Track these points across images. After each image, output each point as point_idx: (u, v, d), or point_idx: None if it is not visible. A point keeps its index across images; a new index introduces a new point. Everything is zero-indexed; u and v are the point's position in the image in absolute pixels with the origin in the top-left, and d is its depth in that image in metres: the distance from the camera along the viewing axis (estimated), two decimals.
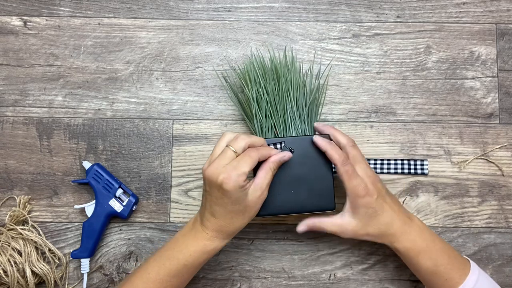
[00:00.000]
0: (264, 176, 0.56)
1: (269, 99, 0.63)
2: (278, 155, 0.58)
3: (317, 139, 0.59)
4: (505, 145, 0.69)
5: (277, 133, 0.63)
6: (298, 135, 0.62)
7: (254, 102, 0.63)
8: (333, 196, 0.60)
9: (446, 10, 0.71)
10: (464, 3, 0.72)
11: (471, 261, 0.59)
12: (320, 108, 0.67)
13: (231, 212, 0.55)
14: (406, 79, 0.70)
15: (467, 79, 0.70)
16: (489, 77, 0.70)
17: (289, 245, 0.68)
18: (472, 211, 0.68)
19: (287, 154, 0.58)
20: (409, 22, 0.71)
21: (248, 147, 0.56)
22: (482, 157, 0.69)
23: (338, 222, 0.59)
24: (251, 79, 0.64)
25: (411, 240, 0.58)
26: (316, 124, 0.63)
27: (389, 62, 0.71)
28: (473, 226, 0.68)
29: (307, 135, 0.61)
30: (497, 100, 0.70)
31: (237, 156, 0.55)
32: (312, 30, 0.71)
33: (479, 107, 0.70)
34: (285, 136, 0.62)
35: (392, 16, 0.71)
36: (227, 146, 0.55)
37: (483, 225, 0.68)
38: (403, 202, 0.68)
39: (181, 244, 0.57)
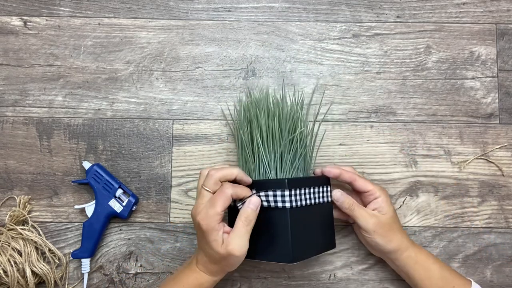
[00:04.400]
0: (240, 228, 0.55)
1: (258, 142, 0.60)
2: (251, 208, 0.56)
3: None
4: (505, 145, 0.69)
5: (276, 176, 0.60)
6: (298, 176, 0.60)
7: (261, 140, 0.60)
8: (334, 236, 0.61)
9: (446, 10, 0.71)
10: (464, 3, 0.72)
11: (472, 282, 0.60)
12: (314, 157, 0.66)
13: (208, 253, 0.56)
14: (406, 79, 0.70)
15: (467, 79, 0.70)
16: (489, 77, 0.70)
17: None
18: (472, 211, 0.68)
19: (255, 202, 0.56)
20: (409, 22, 0.71)
21: (221, 181, 0.56)
22: (482, 157, 0.69)
23: (375, 212, 0.61)
24: (258, 118, 0.61)
25: (417, 247, 0.62)
26: (326, 172, 0.61)
27: (389, 62, 0.71)
28: (473, 226, 0.68)
29: (308, 177, 0.60)
30: (497, 100, 0.70)
31: (213, 193, 0.56)
32: (312, 30, 0.71)
33: (479, 107, 0.70)
34: (286, 177, 0.59)
35: (392, 16, 0.71)
36: (201, 186, 0.57)
37: (483, 225, 0.68)
38: (403, 202, 0.68)
39: (179, 276, 0.59)
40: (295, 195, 0.56)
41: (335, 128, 0.70)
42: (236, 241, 0.54)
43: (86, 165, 0.67)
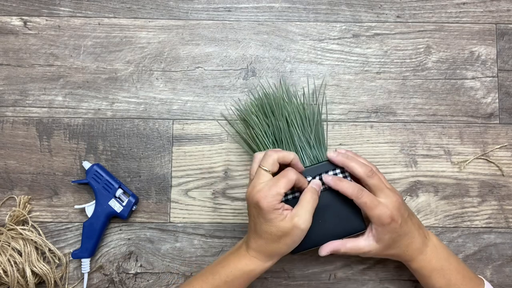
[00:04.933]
0: (306, 203, 0.55)
1: (276, 136, 0.62)
2: (315, 187, 0.57)
3: (328, 180, 0.58)
4: (505, 145, 0.69)
5: None
6: (312, 163, 0.61)
7: (262, 138, 0.62)
8: (361, 217, 0.59)
9: (446, 10, 0.71)
10: (464, 3, 0.72)
11: (485, 281, 0.59)
12: (326, 135, 0.66)
13: (267, 233, 0.54)
14: (406, 79, 0.70)
15: (467, 79, 0.70)
16: (489, 77, 0.70)
17: None
18: (472, 211, 0.68)
19: (318, 183, 0.58)
20: (409, 22, 0.71)
21: (278, 162, 0.56)
22: (482, 157, 0.69)
23: (362, 246, 0.58)
24: (258, 115, 0.63)
25: (426, 260, 0.58)
26: (329, 156, 0.59)
27: (389, 62, 0.71)
28: (473, 226, 0.68)
29: (321, 162, 0.60)
30: (497, 100, 0.70)
31: (272, 174, 0.55)
32: (312, 30, 0.71)
33: (479, 107, 0.70)
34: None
35: (392, 16, 0.71)
36: (259, 167, 0.56)
37: (483, 225, 0.68)
38: None
39: (226, 261, 0.57)
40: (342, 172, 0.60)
41: (335, 128, 0.70)
42: (302, 213, 0.54)
43: (86, 165, 0.67)
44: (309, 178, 0.59)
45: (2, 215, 0.68)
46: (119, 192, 0.66)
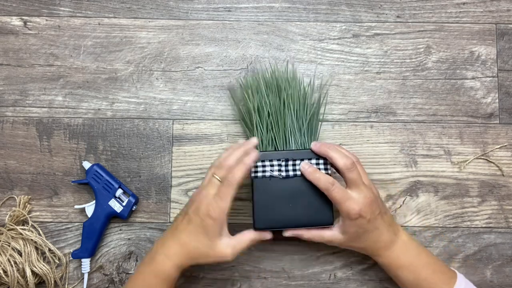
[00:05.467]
0: (240, 242, 0.58)
1: (270, 112, 0.63)
2: (260, 234, 0.59)
3: (304, 168, 0.59)
4: (505, 145, 0.69)
5: (277, 147, 0.63)
6: (298, 148, 0.62)
7: (255, 113, 0.63)
8: (331, 211, 0.60)
9: (446, 10, 0.71)
10: (464, 3, 0.72)
11: (458, 274, 0.59)
12: (319, 125, 0.67)
13: (199, 241, 0.56)
14: (406, 79, 0.70)
15: (467, 79, 0.70)
16: (489, 77, 0.70)
17: (289, 245, 0.68)
18: (472, 211, 0.68)
19: (267, 236, 0.60)
20: (409, 22, 0.71)
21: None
22: (482, 157, 0.69)
23: (326, 235, 0.60)
24: (253, 91, 0.64)
25: (393, 257, 0.60)
26: (313, 146, 0.60)
27: (389, 62, 0.71)
28: (473, 226, 0.68)
29: (306, 149, 0.61)
30: (497, 100, 0.70)
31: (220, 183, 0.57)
32: (312, 30, 0.71)
33: (479, 107, 0.70)
34: (284, 149, 0.62)
35: (392, 16, 0.71)
36: (213, 175, 0.58)
37: (483, 225, 0.68)
38: (403, 202, 0.68)
39: (144, 275, 0.58)
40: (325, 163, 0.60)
41: (335, 128, 0.70)
42: (238, 248, 0.58)
43: (86, 165, 0.67)
44: (290, 162, 0.60)
45: (2, 215, 0.68)
46: (119, 192, 0.66)
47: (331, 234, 0.60)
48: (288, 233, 0.60)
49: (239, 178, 0.56)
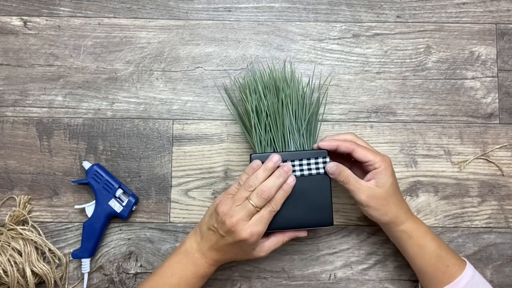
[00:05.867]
0: (274, 244, 0.60)
1: (268, 113, 0.62)
2: (293, 233, 0.61)
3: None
4: (505, 145, 0.69)
5: (276, 148, 0.62)
6: (297, 149, 0.62)
7: (253, 114, 0.63)
8: (331, 212, 0.60)
9: (446, 10, 0.71)
10: (464, 3, 0.72)
11: (468, 262, 0.60)
12: (319, 125, 0.67)
13: (236, 254, 0.59)
14: (406, 79, 0.70)
15: (467, 79, 0.70)
16: (489, 77, 0.70)
17: (289, 245, 0.68)
18: (472, 211, 0.68)
19: (302, 234, 0.62)
20: (409, 22, 0.71)
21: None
22: (482, 157, 0.69)
23: (364, 185, 0.59)
24: (251, 91, 0.64)
25: (420, 223, 0.61)
26: (326, 145, 0.60)
27: (389, 62, 0.71)
28: (473, 226, 0.68)
29: (305, 150, 0.61)
30: (497, 100, 0.70)
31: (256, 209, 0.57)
32: (312, 30, 0.71)
33: (479, 107, 0.70)
34: (283, 150, 0.61)
35: (392, 16, 0.71)
36: (247, 199, 0.57)
37: (483, 225, 0.68)
38: None
39: (178, 265, 0.59)
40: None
41: (335, 128, 0.70)
42: (269, 249, 0.60)
43: (86, 165, 0.67)
44: (289, 163, 0.60)
45: (2, 215, 0.68)
46: (119, 192, 0.66)
47: (370, 184, 0.59)
48: (333, 169, 0.59)
49: (280, 205, 0.58)
